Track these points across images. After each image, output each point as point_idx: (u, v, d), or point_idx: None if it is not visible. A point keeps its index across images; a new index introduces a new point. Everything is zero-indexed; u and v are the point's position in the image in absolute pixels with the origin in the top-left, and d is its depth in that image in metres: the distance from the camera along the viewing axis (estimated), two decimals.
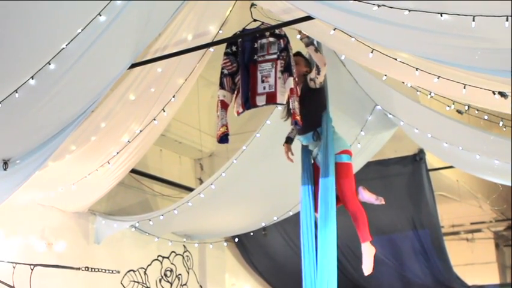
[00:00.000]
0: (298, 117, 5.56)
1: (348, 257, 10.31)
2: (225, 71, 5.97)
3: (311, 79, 5.90)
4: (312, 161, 6.05)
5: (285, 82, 5.71)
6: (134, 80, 6.82)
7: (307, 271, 5.72)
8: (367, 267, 5.83)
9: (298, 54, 6.10)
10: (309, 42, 5.79)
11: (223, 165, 8.40)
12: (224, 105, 5.93)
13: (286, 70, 5.74)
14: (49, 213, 8.29)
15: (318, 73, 5.81)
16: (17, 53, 5.18)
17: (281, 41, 5.84)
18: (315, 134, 5.87)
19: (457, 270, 10.93)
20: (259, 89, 5.82)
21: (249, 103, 5.87)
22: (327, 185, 5.66)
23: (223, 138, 5.83)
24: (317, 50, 5.79)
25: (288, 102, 5.68)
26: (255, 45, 5.91)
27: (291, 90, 5.64)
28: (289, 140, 6.23)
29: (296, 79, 5.75)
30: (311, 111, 5.87)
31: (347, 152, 5.93)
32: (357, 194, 5.93)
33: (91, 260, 8.67)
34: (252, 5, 6.10)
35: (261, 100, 5.81)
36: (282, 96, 5.74)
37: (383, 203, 6.05)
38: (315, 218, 5.83)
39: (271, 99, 5.76)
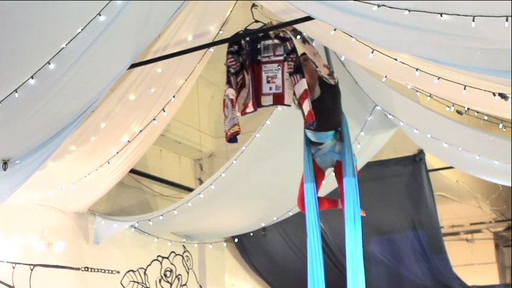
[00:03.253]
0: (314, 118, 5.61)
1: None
2: (231, 70, 5.86)
3: (322, 76, 5.89)
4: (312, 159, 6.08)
5: (295, 84, 5.71)
6: (135, 80, 6.82)
7: (312, 268, 5.75)
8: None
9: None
10: (296, 34, 5.80)
11: (222, 166, 8.40)
12: (234, 104, 5.79)
13: (298, 71, 5.74)
14: (49, 213, 8.29)
15: (316, 66, 5.82)
16: (16, 53, 5.18)
17: (287, 43, 5.82)
18: (337, 133, 5.90)
19: (456, 270, 10.94)
20: (265, 89, 5.79)
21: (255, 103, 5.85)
22: (353, 185, 5.74)
23: (233, 138, 5.76)
24: (304, 41, 5.77)
25: (300, 105, 5.68)
26: (258, 46, 5.89)
27: (306, 91, 5.65)
28: None
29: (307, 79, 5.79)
30: (332, 110, 5.91)
31: (355, 155, 6.00)
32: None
33: (91, 260, 8.67)
34: (253, 5, 6.09)
35: (267, 100, 5.77)
36: (289, 98, 5.75)
37: (365, 215, 6.17)
38: (319, 215, 5.89)
39: (278, 99, 5.75)
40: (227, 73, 5.86)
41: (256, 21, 5.99)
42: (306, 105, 5.65)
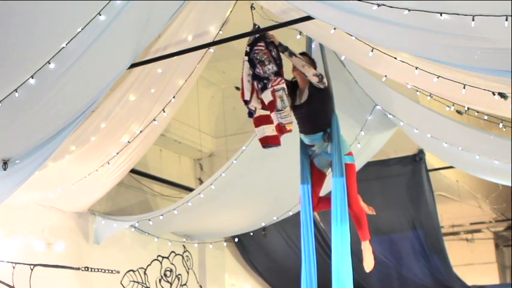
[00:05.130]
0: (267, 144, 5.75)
1: None
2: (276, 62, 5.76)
3: (312, 82, 5.90)
4: (309, 161, 6.08)
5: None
6: (135, 81, 6.82)
7: (306, 268, 5.77)
8: (368, 264, 5.93)
9: (303, 54, 6.10)
10: (283, 49, 5.80)
11: (223, 165, 8.40)
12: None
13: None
14: (49, 213, 8.29)
15: (305, 75, 5.83)
16: (17, 52, 5.18)
17: None
18: (325, 134, 5.89)
19: (456, 270, 10.95)
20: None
21: None
22: (341, 185, 5.72)
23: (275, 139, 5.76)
24: (291, 54, 5.78)
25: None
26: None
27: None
28: None
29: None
30: (319, 113, 5.90)
31: (351, 154, 5.99)
32: None
33: (91, 260, 8.67)
34: (252, 6, 6.08)
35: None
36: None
37: (374, 213, 6.18)
38: (313, 216, 5.90)
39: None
40: (277, 65, 5.69)
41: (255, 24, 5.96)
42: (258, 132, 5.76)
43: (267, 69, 5.63)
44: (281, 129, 5.64)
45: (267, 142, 5.79)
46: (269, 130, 5.76)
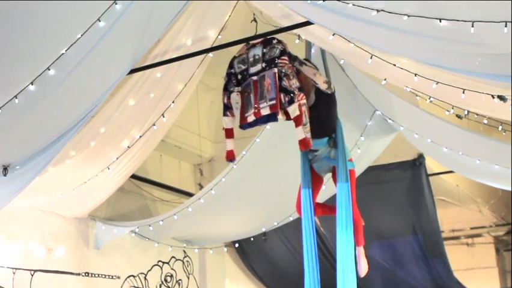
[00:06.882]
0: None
1: None
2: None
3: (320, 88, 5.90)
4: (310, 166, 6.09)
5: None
6: (134, 85, 6.83)
7: (309, 273, 5.77)
8: (363, 269, 5.95)
9: (305, 59, 6.11)
10: (292, 58, 5.78)
11: (223, 171, 8.39)
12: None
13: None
14: (49, 218, 8.29)
15: (316, 83, 5.83)
16: (16, 59, 5.19)
17: None
18: (330, 139, 5.91)
19: (457, 275, 10.92)
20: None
21: None
22: (346, 190, 5.73)
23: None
24: (301, 63, 5.74)
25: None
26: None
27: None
28: None
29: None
30: (325, 118, 5.90)
31: (351, 160, 6.01)
32: None
33: (91, 265, 8.66)
34: (254, 19, 6.08)
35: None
36: None
37: (363, 224, 6.18)
38: (314, 221, 5.91)
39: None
40: (299, 80, 5.58)
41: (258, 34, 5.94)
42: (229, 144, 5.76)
43: (293, 83, 5.55)
44: (306, 144, 5.54)
45: (230, 156, 5.83)
46: (232, 145, 5.81)
